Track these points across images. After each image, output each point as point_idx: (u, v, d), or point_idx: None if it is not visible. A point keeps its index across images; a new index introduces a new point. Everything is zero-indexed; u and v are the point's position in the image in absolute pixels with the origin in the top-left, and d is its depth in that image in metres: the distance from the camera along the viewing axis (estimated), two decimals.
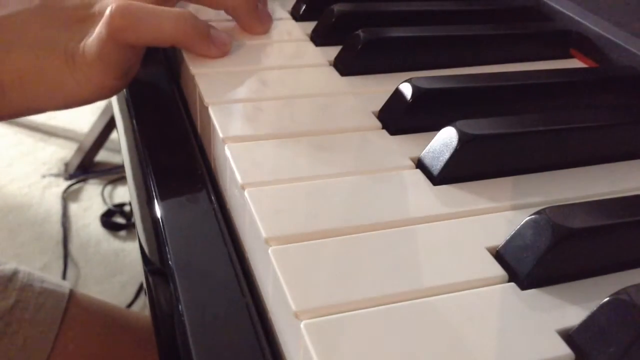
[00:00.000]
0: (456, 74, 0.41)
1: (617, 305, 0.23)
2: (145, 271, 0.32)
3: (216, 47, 0.42)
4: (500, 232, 0.28)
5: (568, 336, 0.23)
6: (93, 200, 1.46)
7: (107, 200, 1.46)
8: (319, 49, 0.45)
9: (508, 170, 0.33)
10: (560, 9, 0.50)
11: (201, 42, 0.41)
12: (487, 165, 0.32)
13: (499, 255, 0.27)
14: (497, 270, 0.26)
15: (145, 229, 0.34)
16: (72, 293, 0.57)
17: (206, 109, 0.37)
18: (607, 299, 0.23)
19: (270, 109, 0.37)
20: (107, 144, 1.58)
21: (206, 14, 0.47)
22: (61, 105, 0.41)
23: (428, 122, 0.35)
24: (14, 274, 0.55)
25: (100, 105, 1.65)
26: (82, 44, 0.39)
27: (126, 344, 0.57)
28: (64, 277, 1.25)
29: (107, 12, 0.38)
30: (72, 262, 1.30)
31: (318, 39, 0.46)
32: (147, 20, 0.38)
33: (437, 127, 0.33)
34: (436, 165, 0.32)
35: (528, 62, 0.46)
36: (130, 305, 1.21)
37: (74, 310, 0.56)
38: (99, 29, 0.38)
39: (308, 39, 0.47)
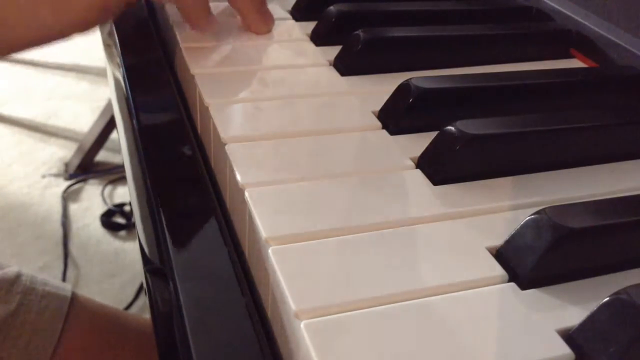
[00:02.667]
0: (456, 74, 0.41)
1: (617, 305, 0.23)
2: (145, 271, 0.32)
3: (207, 21, 0.43)
4: (500, 232, 0.28)
5: (568, 336, 0.23)
6: (93, 200, 1.46)
7: (107, 200, 1.46)
8: (319, 49, 0.45)
9: (508, 170, 0.33)
10: (560, 9, 0.50)
11: (198, 11, 0.42)
12: (487, 165, 0.32)
13: (499, 255, 0.27)
14: (497, 270, 0.26)
15: (145, 229, 0.34)
16: (74, 296, 0.57)
17: (206, 109, 0.37)
18: (607, 299, 0.23)
19: (270, 109, 0.37)
20: (107, 144, 1.58)
21: None
22: (35, 37, 0.39)
23: (428, 122, 0.35)
24: (17, 277, 0.55)
25: (100, 105, 1.65)
26: None
27: (127, 347, 0.57)
28: (64, 277, 1.25)
29: None
30: (72, 262, 1.30)
31: (318, 39, 0.46)
32: None
33: (437, 127, 0.33)
34: (436, 165, 0.32)
35: (528, 62, 0.46)
36: (130, 305, 1.21)
37: (76, 313, 0.56)
38: None
39: (308, 39, 0.47)
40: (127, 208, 1.42)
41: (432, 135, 0.33)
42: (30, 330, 0.52)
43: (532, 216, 0.27)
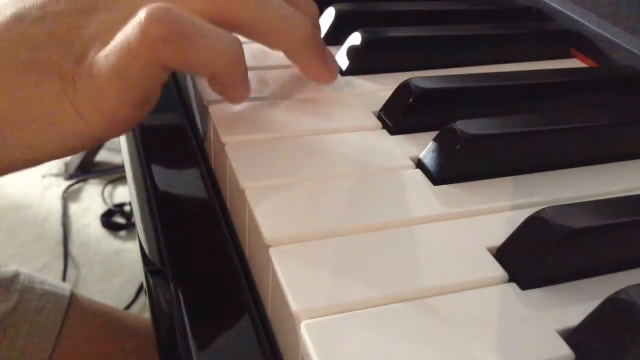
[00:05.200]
0: (456, 74, 0.41)
1: (617, 305, 0.23)
2: (145, 271, 0.32)
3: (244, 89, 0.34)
4: (500, 232, 0.28)
5: (568, 336, 0.23)
6: (93, 200, 1.46)
7: (107, 200, 1.46)
8: None
9: (508, 170, 0.33)
10: (560, 8, 0.50)
11: (241, 82, 0.34)
12: (487, 165, 0.32)
13: (499, 255, 0.27)
14: (497, 270, 0.26)
15: (145, 229, 0.34)
16: (72, 295, 0.57)
17: (206, 108, 0.37)
18: (607, 299, 0.23)
19: (270, 109, 0.37)
20: (107, 144, 1.58)
21: None
22: (57, 149, 0.31)
23: (428, 122, 0.35)
24: (15, 276, 0.55)
25: None
26: (87, 60, 0.29)
27: (126, 347, 0.57)
28: (64, 277, 1.25)
29: (143, 14, 0.27)
30: (72, 262, 1.30)
31: None
32: (198, 34, 0.28)
33: (437, 127, 0.33)
34: (436, 165, 0.32)
35: (528, 62, 0.46)
36: (130, 305, 1.21)
37: (74, 312, 0.56)
38: (122, 37, 0.28)
39: None
40: (127, 208, 1.42)
41: (432, 135, 0.33)
42: (28, 329, 0.52)
43: (532, 216, 0.27)
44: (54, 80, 0.29)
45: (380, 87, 0.40)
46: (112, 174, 1.53)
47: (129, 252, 1.32)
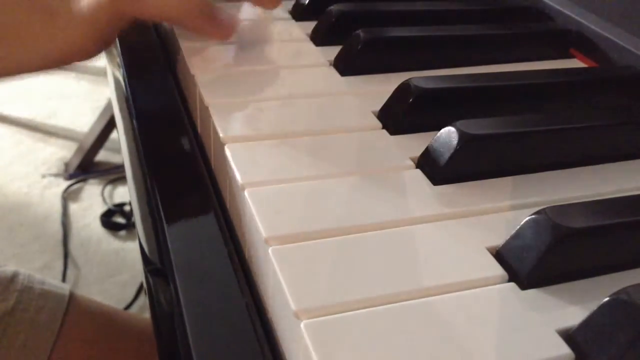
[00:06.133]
0: (456, 74, 0.41)
1: (617, 305, 0.23)
2: (145, 271, 0.32)
3: (219, 29, 0.42)
4: (500, 232, 0.28)
5: (568, 336, 0.23)
6: (93, 200, 1.46)
7: (107, 200, 1.46)
8: (319, 49, 0.45)
9: (508, 170, 0.33)
10: (560, 8, 0.50)
11: (205, 23, 0.41)
12: (487, 165, 0.32)
13: (499, 255, 0.27)
14: (497, 270, 0.26)
15: (145, 229, 0.34)
16: (72, 295, 0.57)
17: (206, 108, 0.37)
18: (607, 299, 0.23)
19: (270, 109, 0.37)
20: (107, 144, 1.58)
21: None
22: (26, 64, 0.39)
23: (428, 122, 0.35)
24: (15, 275, 0.55)
25: (100, 105, 1.65)
26: (70, 3, 0.38)
27: (126, 346, 0.57)
28: (64, 276, 1.25)
29: None
30: (72, 262, 1.30)
31: (318, 39, 0.46)
32: None
33: (437, 127, 0.33)
34: (436, 165, 0.32)
35: (528, 62, 0.46)
36: (130, 305, 1.21)
37: (74, 312, 0.56)
38: None
39: (308, 39, 0.47)
40: (127, 208, 1.42)
41: (432, 135, 0.33)
42: (27, 329, 0.52)
43: (532, 216, 0.27)
44: (39, 11, 0.38)
45: (380, 87, 0.40)
46: (112, 174, 1.53)
47: (129, 252, 1.32)
